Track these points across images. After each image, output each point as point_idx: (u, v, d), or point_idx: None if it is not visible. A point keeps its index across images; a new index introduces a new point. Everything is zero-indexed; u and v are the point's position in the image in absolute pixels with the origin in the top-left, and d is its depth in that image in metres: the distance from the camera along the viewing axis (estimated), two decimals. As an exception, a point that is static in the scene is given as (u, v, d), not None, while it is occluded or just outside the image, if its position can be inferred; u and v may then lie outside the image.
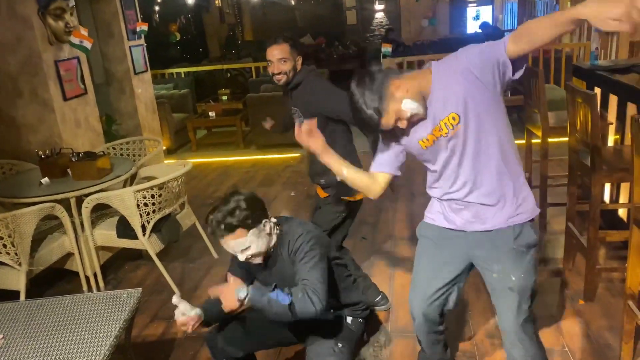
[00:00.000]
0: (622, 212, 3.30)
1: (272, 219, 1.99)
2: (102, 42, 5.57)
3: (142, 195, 3.08)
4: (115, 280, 3.55)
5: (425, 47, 10.33)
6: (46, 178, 3.39)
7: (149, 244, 3.20)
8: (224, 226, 1.82)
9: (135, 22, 5.79)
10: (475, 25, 12.52)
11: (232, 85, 8.61)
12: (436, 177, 1.78)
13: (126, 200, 3.07)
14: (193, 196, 4.82)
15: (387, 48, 6.71)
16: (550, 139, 3.33)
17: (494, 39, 1.59)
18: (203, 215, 2.01)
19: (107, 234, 3.32)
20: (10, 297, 2.74)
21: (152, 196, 3.12)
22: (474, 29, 12.48)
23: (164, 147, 6.04)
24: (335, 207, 2.59)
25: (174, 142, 6.95)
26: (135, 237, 3.18)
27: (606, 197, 3.44)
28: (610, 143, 3.42)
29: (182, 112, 7.38)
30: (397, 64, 6.87)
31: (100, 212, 3.56)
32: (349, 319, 2.15)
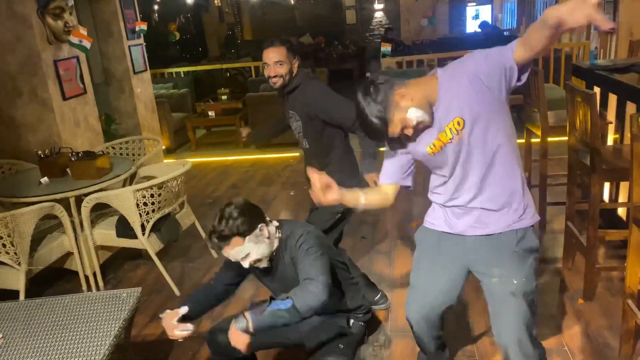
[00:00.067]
0: (622, 211, 3.31)
1: (274, 222, 1.99)
2: (102, 41, 5.57)
3: (142, 194, 3.08)
4: (114, 280, 3.55)
5: (425, 47, 10.33)
6: (45, 177, 3.39)
7: (149, 243, 3.20)
8: (218, 238, 1.85)
9: (135, 21, 5.78)
10: (474, 25, 12.52)
11: (232, 85, 8.60)
12: (441, 182, 1.77)
13: (125, 199, 3.07)
14: (192, 196, 4.82)
15: (386, 47, 6.72)
16: (549, 138, 3.33)
17: (493, 39, 1.60)
18: (202, 214, 2.02)
19: (107, 234, 3.32)
20: (10, 296, 2.73)
21: (152, 195, 3.11)
22: (474, 28, 12.47)
23: (164, 147, 6.06)
24: (333, 209, 2.60)
25: (173, 141, 6.95)
26: (135, 237, 3.18)
27: (605, 197, 3.45)
28: (610, 142, 3.42)
29: (181, 111, 7.38)
30: (396, 63, 6.88)
31: (100, 211, 3.55)
32: (351, 321, 2.15)
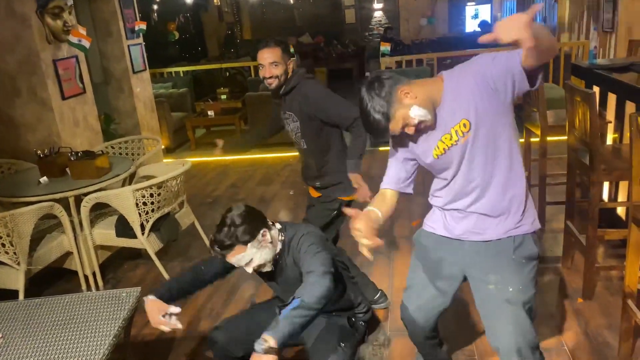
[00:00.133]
0: (621, 211, 3.31)
1: (276, 225, 1.99)
2: (101, 41, 5.56)
3: (141, 194, 3.08)
4: (114, 280, 3.54)
5: (424, 46, 10.35)
6: (45, 177, 3.39)
7: (148, 243, 3.20)
8: (220, 247, 1.85)
9: (134, 20, 5.77)
10: (474, 24, 12.52)
11: (231, 84, 8.61)
12: (442, 185, 1.77)
13: (125, 199, 3.07)
14: (192, 195, 4.82)
15: (385, 47, 6.71)
16: (549, 138, 3.33)
17: None
18: (202, 214, 2.02)
19: (106, 233, 3.32)
20: (9, 296, 2.74)
21: (151, 195, 3.11)
22: (473, 27, 12.47)
23: (163, 146, 6.06)
24: (329, 206, 2.62)
25: (172, 141, 6.95)
26: (134, 236, 3.18)
27: (605, 196, 3.45)
28: (609, 141, 3.42)
29: (180, 111, 7.38)
30: (395, 62, 6.87)
31: (99, 211, 3.55)
32: (352, 320, 2.16)
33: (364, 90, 1.62)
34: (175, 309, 1.94)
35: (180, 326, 1.95)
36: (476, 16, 13.02)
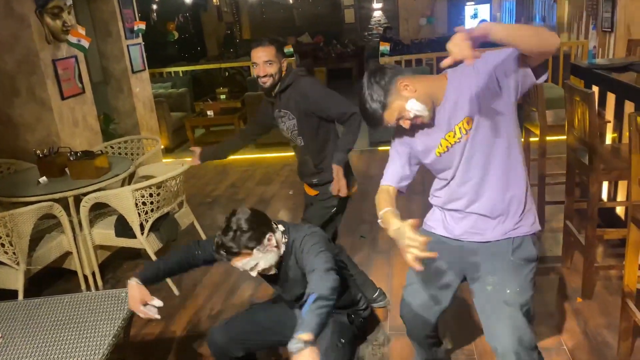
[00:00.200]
0: (620, 210, 3.31)
1: (280, 227, 1.99)
2: (100, 40, 5.56)
3: (141, 194, 3.08)
4: (113, 279, 3.54)
5: (424, 46, 10.34)
6: (44, 177, 3.38)
7: (148, 243, 3.20)
8: (227, 253, 1.84)
9: (133, 20, 5.77)
10: (473, 24, 12.46)
11: (230, 84, 8.60)
12: (443, 185, 1.77)
13: (124, 199, 3.07)
14: (191, 195, 4.82)
15: (385, 46, 6.70)
16: (548, 137, 3.33)
17: None
18: (201, 214, 2.02)
19: (106, 233, 3.32)
20: (9, 296, 2.73)
21: (151, 195, 3.11)
22: (472, 27, 12.46)
23: (162, 146, 6.05)
24: (327, 203, 2.62)
25: (172, 141, 6.94)
26: (134, 236, 3.18)
27: (604, 195, 3.45)
28: (608, 141, 3.43)
29: (180, 110, 7.37)
30: (395, 62, 6.88)
31: (99, 211, 3.55)
32: (352, 317, 2.16)
33: (365, 77, 1.64)
34: (157, 302, 1.93)
35: (158, 317, 1.93)
36: (475, 16, 13.03)
